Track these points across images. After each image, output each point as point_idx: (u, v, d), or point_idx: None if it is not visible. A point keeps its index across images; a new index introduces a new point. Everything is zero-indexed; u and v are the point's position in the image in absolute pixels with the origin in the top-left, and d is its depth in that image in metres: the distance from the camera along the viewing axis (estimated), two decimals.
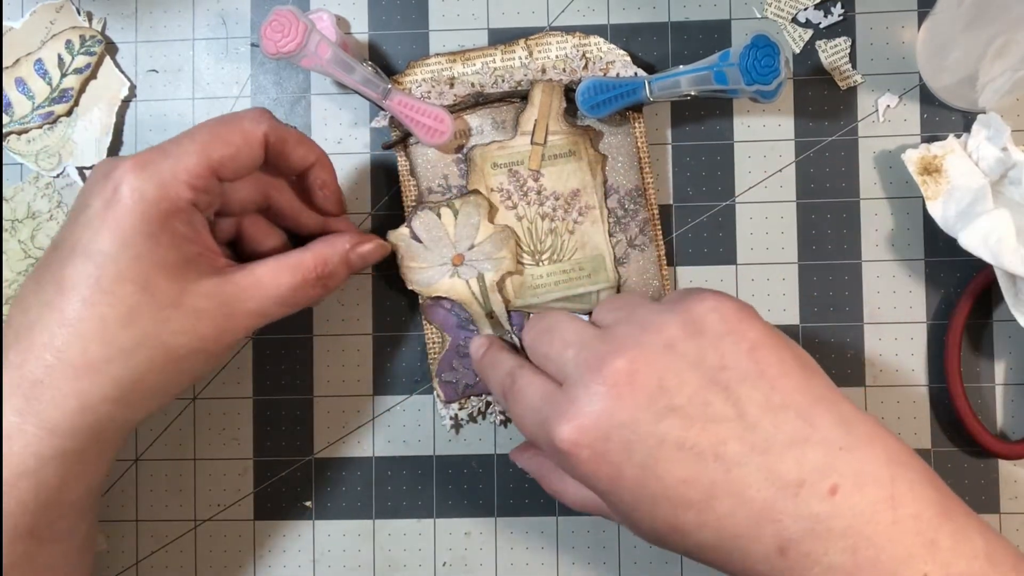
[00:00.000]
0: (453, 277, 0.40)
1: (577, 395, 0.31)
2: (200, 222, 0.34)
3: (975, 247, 0.37)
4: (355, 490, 0.41)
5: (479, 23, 0.42)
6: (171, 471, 0.42)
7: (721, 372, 0.30)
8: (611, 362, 0.30)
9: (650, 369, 0.30)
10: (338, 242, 0.37)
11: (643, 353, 0.30)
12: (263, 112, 0.35)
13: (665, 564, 0.41)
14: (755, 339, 0.31)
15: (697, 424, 0.29)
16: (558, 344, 0.33)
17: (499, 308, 0.40)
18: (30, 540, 0.33)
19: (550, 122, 0.40)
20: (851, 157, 0.41)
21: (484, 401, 0.41)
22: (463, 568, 0.41)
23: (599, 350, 0.31)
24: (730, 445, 0.29)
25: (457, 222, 0.40)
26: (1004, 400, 0.40)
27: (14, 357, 0.32)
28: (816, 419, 0.29)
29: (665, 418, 0.30)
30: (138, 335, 0.32)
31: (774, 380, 0.30)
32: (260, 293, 0.34)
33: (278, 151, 0.35)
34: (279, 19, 0.38)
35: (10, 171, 0.43)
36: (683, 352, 0.30)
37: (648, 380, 0.30)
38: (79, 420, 0.32)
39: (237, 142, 0.34)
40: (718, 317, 0.31)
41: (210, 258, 0.34)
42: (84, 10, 0.42)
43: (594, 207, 0.41)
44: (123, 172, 0.32)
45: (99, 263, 0.32)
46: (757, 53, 0.37)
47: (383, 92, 0.40)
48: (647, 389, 0.30)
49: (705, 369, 0.30)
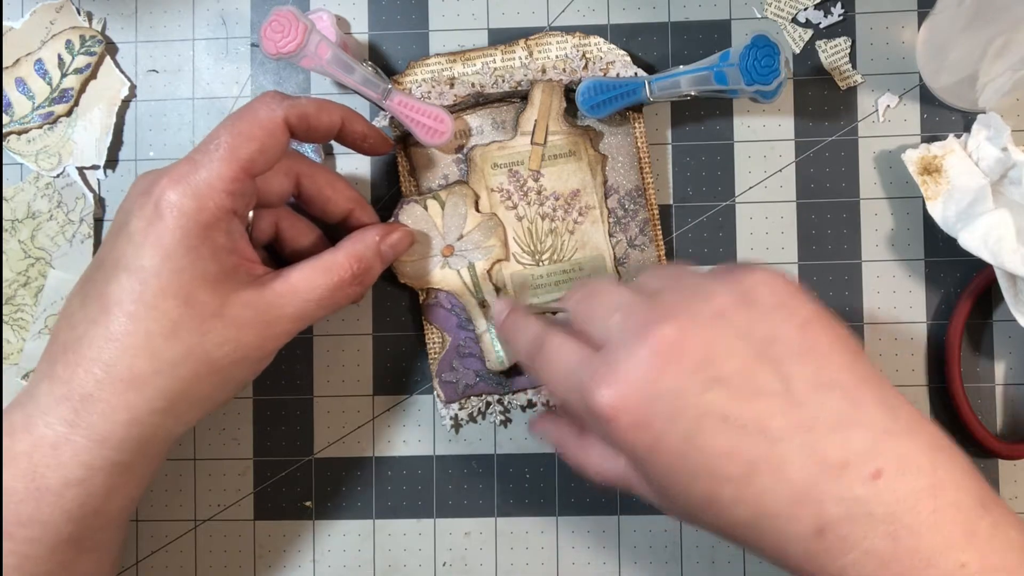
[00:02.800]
0: (444, 268, 0.40)
1: (619, 359, 0.30)
2: (238, 231, 0.35)
3: (975, 247, 0.37)
4: (355, 490, 0.42)
5: (479, 23, 0.42)
6: (171, 471, 0.42)
7: (771, 346, 0.29)
8: (659, 328, 0.29)
9: (698, 338, 0.29)
10: (368, 236, 0.37)
11: (692, 321, 0.30)
12: (274, 96, 0.35)
13: (665, 564, 0.41)
14: (806, 316, 0.30)
15: (743, 397, 0.29)
16: (603, 308, 0.32)
17: (491, 297, 0.40)
18: (71, 549, 0.33)
19: (550, 122, 0.40)
20: (851, 157, 0.41)
21: (484, 401, 0.41)
22: (463, 568, 0.41)
23: (646, 316, 0.30)
24: (775, 420, 0.28)
25: (444, 213, 0.40)
26: (1004, 400, 0.40)
27: (62, 371, 0.32)
28: (862, 401, 0.29)
29: (711, 389, 0.29)
30: (182, 348, 0.33)
31: (823, 357, 0.29)
32: (298, 298, 0.35)
33: (304, 127, 0.35)
34: (279, 19, 0.38)
35: (10, 171, 0.43)
36: (733, 322, 0.30)
37: (696, 349, 0.29)
38: (128, 432, 0.33)
39: (259, 135, 0.34)
40: (769, 291, 0.30)
41: (248, 267, 0.35)
42: (84, 10, 0.42)
43: (594, 207, 0.41)
44: (162, 188, 0.33)
45: (142, 279, 0.32)
46: (757, 53, 0.37)
47: (383, 92, 0.40)
48: (694, 358, 0.29)
49: (754, 341, 0.29)
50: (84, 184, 0.42)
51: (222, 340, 0.33)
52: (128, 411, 0.32)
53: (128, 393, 0.32)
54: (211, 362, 0.33)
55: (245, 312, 0.34)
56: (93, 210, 0.42)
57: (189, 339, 0.33)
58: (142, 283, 0.32)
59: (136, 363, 0.32)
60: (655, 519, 0.41)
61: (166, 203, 0.32)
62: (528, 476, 0.41)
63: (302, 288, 0.35)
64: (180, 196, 0.32)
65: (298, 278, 0.35)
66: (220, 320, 0.33)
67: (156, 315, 0.32)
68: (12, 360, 0.42)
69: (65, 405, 0.32)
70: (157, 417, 0.33)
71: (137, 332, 0.32)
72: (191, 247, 0.32)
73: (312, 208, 0.39)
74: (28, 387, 0.33)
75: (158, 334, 0.32)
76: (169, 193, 0.32)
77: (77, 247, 0.42)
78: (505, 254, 0.40)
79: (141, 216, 0.33)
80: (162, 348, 0.32)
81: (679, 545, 0.41)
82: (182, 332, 0.33)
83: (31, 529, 0.32)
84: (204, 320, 0.33)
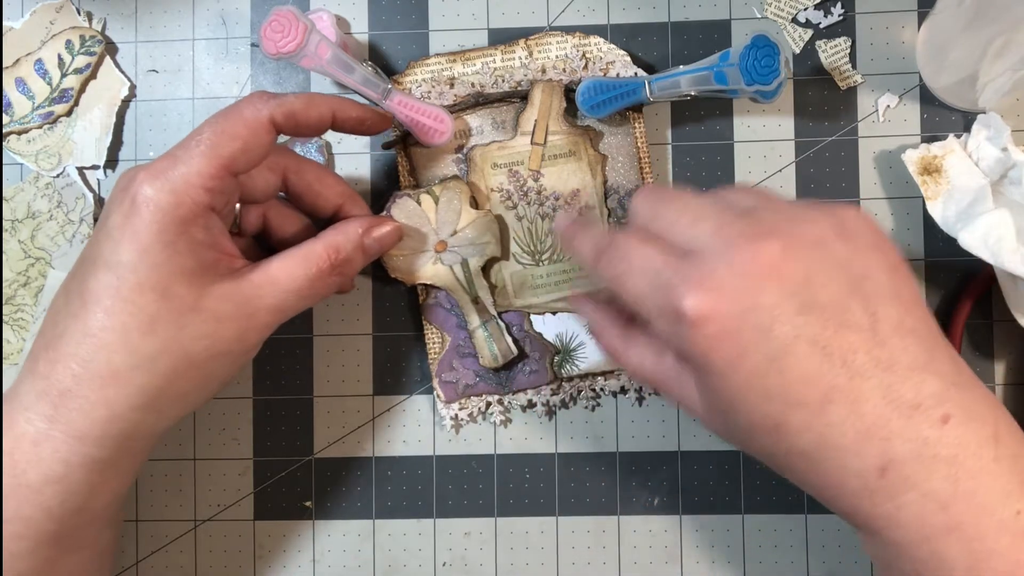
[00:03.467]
0: (436, 264, 0.40)
1: (717, 267, 0.29)
2: (217, 226, 0.34)
3: (975, 247, 0.37)
4: (355, 490, 0.42)
5: (479, 23, 0.42)
6: (171, 471, 0.42)
7: (864, 281, 0.30)
8: (763, 243, 0.29)
9: (800, 260, 0.29)
10: (350, 228, 0.37)
11: (795, 242, 0.29)
12: (261, 95, 0.35)
13: (665, 564, 0.41)
14: (895, 262, 0.31)
15: (832, 326, 0.29)
16: (688, 216, 0.31)
17: (484, 293, 0.40)
18: (54, 547, 0.33)
19: (550, 122, 0.40)
20: (851, 157, 0.41)
21: (484, 401, 0.41)
22: (463, 568, 0.41)
23: (746, 230, 0.30)
24: (859, 355, 0.29)
25: (438, 208, 0.40)
26: (1004, 400, 0.40)
27: (43, 367, 0.33)
28: (936, 351, 0.30)
29: (806, 312, 0.29)
30: (160, 342, 0.32)
31: (908, 304, 0.30)
32: (276, 289, 0.34)
33: (292, 124, 0.35)
34: (279, 19, 0.38)
35: (10, 171, 0.43)
36: (833, 252, 0.30)
37: (796, 270, 0.29)
38: (107, 428, 0.32)
39: (243, 134, 0.34)
40: (867, 228, 0.31)
41: (227, 261, 0.34)
42: (84, 10, 0.42)
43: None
44: (139, 183, 0.33)
45: (119, 274, 0.32)
46: (757, 53, 0.37)
47: (383, 92, 0.40)
48: (794, 279, 0.29)
49: (850, 274, 0.30)
50: (84, 184, 0.42)
51: (200, 334, 0.33)
52: (107, 407, 0.32)
53: (106, 389, 0.32)
54: (189, 357, 0.33)
55: (223, 305, 0.33)
56: (93, 210, 0.42)
57: (166, 333, 0.32)
58: (119, 278, 0.32)
59: (113, 358, 0.32)
60: (655, 519, 0.41)
61: (142, 197, 0.32)
62: (528, 476, 0.41)
63: (280, 278, 0.34)
64: (157, 191, 0.32)
65: (276, 268, 0.35)
66: (198, 314, 0.33)
67: (133, 310, 0.32)
68: (12, 360, 0.42)
69: (45, 401, 0.32)
70: (137, 413, 0.33)
71: (114, 327, 0.32)
72: (168, 242, 0.32)
73: (302, 203, 0.38)
74: (13, 384, 0.33)
75: (135, 329, 0.32)
76: (145, 188, 0.32)
77: (77, 247, 0.42)
78: (499, 251, 0.40)
79: (119, 211, 0.33)
80: (139, 343, 0.32)
81: (679, 545, 0.41)
82: (159, 327, 0.32)
83: (14, 525, 0.32)
84: (181, 314, 0.33)
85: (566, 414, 0.41)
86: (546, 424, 0.41)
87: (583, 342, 0.41)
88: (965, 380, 0.30)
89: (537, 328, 0.41)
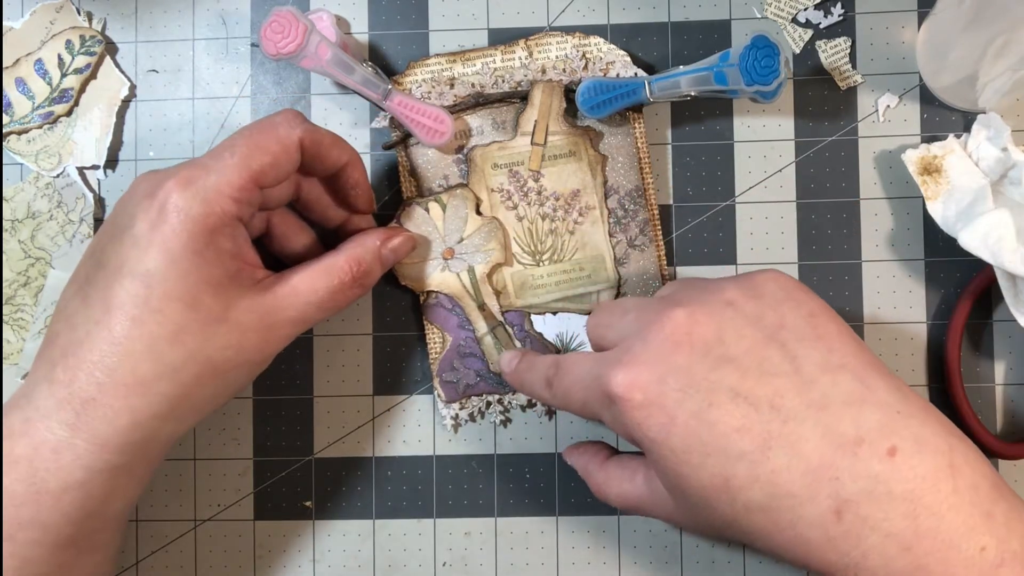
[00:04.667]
0: (444, 271, 0.40)
1: (633, 345, 0.31)
2: (243, 236, 0.35)
3: (975, 247, 0.37)
4: (355, 490, 0.42)
5: (479, 23, 0.42)
6: (171, 471, 0.42)
7: (779, 331, 0.30)
8: (670, 313, 0.31)
9: (709, 321, 0.30)
10: (368, 240, 0.37)
11: (703, 308, 0.31)
12: (296, 115, 0.35)
13: (665, 564, 0.41)
14: (813, 307, 0.31)
15: (753, 375, 0.29)
16: (617, 314, 0.34)
17: (490, 300, 0.40)
18: (71, 550, 0.33)
19: (550, 122, 0.40)
20: (851, 157, 0.41)
21: (484, 401, 0.41)
22: (463, 568, 0.41)
23: (660, 307, 0.31)
24: (787, 398, 0.29)
25: (446, 216, 0.40)
26: (1004, 400, 0.40)
27: (62, 374, 0.32)
28: (872, 383, 0.29)
29: (721, 367, 0.29)
30: (185, 352, 0.33)
31: (831, 342, 0.30)
32: (298, 301, 0.35)
33: (313, 154, 0.35)
34: (279, 20, 0.38)
35: (10, 171, 0.43)
36: (742, 310, 0.31)
37: (706, 331, 0.30)
38: (129, 436, 0.33)
39: (275, 150, 0.34)
40: (777, 286, 0.32)
41: (251, 271, 0.35)
42: (84, 10, 0.42)
43: (594, 207, 0.41)
44: (168, 191, 0.33)
45: (148, 283, 0.32)
46: (757, 53, 0.37)
47: (383, 93, 0.40)
48: (705, 339, 0.30)
49: (763, 327, 0.30)
50: (84, 184, 0.42)
51: (225, 344, 0.33)
52: (130, 415, 0.32)
53: (130, 397, 0.32)
54: (214, 366, 0.33)
55: (248, 316, 0.34)
56: (93, 210, 0.42)
57: (192, 343, 0.33)
58: (147, 287, 0.32)
59: (139, 367, 0.32)
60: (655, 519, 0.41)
61: (172, 206, 0.32)
62: (528, 476, 0.41)
63: (303, 291, 0.35)
64: (188, 200, 0.32)
65: (299, 281, 0.35)
66: (224, 324, 0.33)
67: (160, 319, 0.32)
68: (12, 360, 0.42)
69: (66, 409, 0.32)
70: (158, 421, 0.33)
71: (141, 336, 0.32)
72: (196, 251, 0.32)
73: (312, 214, 0.39)
74: (24, 389, 0.33)
75: (162, 338, 0.32)
76: (175, 196, 0.32)
77: (77, 247, 0.42)
78: (505, 258, 0.40)
79: (145, 219, 0.33)
80: (165, 352, 0.32)
81: (679, 545, 0.41)
82: (186, 336, 0.32)
83: (31, 531, 0.32)
84: (208, 324, 0.33)
85: (566, 414, 0.41)
86: (546, 424, 0.41)
87: (583, 342, 0.41)
88: (911, 408, 0.29)
89: (537, 328, 0.41)
